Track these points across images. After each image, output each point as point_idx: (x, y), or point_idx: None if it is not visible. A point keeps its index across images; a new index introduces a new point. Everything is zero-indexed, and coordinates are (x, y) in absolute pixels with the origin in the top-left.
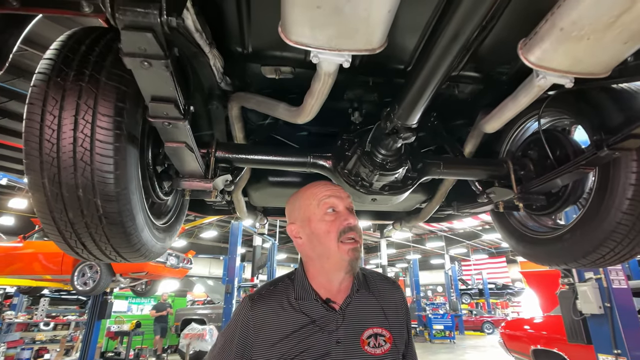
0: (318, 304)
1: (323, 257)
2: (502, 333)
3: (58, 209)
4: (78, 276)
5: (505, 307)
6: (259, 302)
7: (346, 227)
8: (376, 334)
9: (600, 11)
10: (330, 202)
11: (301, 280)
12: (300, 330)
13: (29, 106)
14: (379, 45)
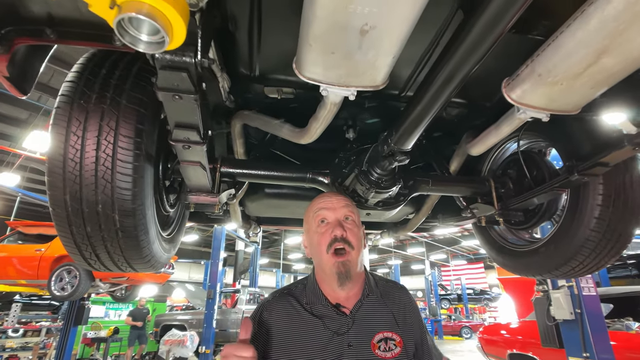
0: (329, 309)
1: (320, 267)
2: (480, 338)
3: (77, 223)
4: (55, 281)
5: (482, 312)
6: (273, 305)
7: (332, 238)
8: (386, 338)
9: (571, 63)
10: (321, 214)
11: (312, 285)
12: (312, 332)
13: (53, 126)
14: (382, 83)
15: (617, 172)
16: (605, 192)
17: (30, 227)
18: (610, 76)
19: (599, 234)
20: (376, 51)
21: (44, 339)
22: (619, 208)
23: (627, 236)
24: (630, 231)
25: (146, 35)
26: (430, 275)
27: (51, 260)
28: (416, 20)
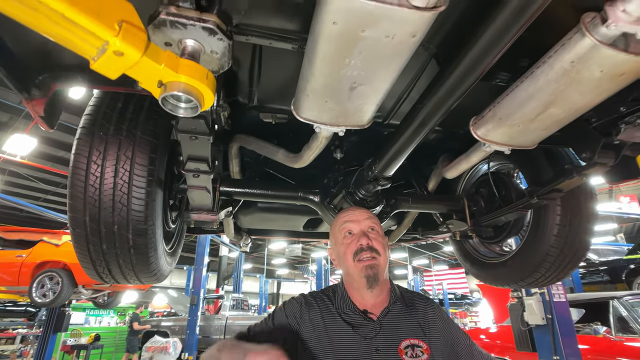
0: (356, 314)
1: (348, 275)
2: None
3: (94, 241)
4: (37, 288)
5: (463, 317)
6: (311, 301)
7: (358, 248)
8: (413, 344)
9: (525, 111)
10: (346, 226)
11: (342, 293)
12: (342, 335)
13: (75, 156)
14: (367, 123)
15: (573, 195)
16: (563, 213)
17: (11, 233)
18: (558, 121)
19: (557, 249)
20: (362, 101)
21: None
22: (575, 227)
23: (582, 250)
24: (585, 247)
25: (184, 104)
26: (412, 281)
27: (33, 267)
28: (396, 79)
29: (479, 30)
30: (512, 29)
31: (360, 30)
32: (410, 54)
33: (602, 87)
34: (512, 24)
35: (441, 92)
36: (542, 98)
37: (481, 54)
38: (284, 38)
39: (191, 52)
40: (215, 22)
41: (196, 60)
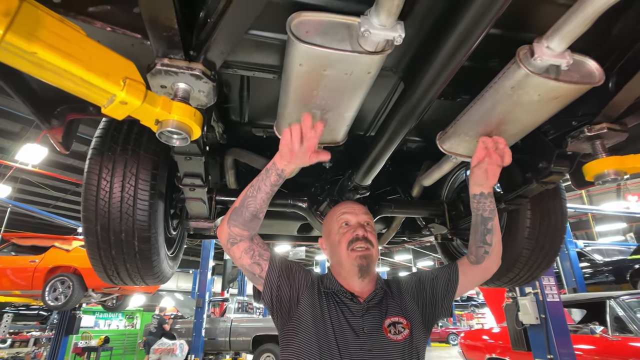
0: (344, 295)
1: (339, 264)
2: (462, 343)
3: (105, 248)
4: (49, 291)
5: (470, 319)
6: (309, 275)
7: (354, 237)
8: (394, 322)
9: (480, 128)
10: (344, 217)
11: (329, 279)
12: (330, 312)
13: (87, 173)
14: (342, 140)
15: (542, 200)
16: (532, 217)
17: (25, 239)
18: (512, 136)
19: (529, 250)
20: (333, 123)
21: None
22: (544, 229)
23: (553, 252)
24: (555, 248)
25: (176, 136)
26: None
27: (45, 271)
28: (360, 105)
29: (432, 57)
30: (456, 58)
31: (322, 69)
32: (369, 85)
33: (542, 108)
34: (457, 52)
35: (406, 109)
36: (493, 117)
37: (434, 77)
38: (264, 70)
39: (182, 94)
40: (201, 69)
41: (187, 99)
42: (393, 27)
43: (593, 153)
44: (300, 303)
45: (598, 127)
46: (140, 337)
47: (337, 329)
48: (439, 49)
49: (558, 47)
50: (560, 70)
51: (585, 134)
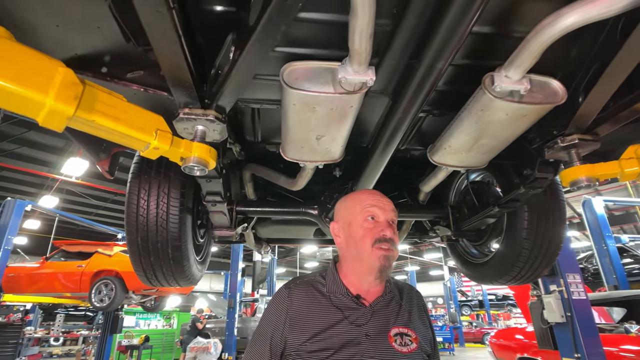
0: (348, 298)
1: (357, 259)
2: (491, 342)
3: (145, 255)
4: (95, 293)
5: (507, 319)
6: (294, 289)
7: (381, 237)
8: (402, 333)
9: (462, 143)
10: (372, 210)
11: (332, 276)
12: (331, 319)
13: (128, 194)
14: (339, 158)
15: (540, 201)
16: (530, 218)
17: (72, 246)
18: (492, 148)
19: (528, 249)
20: (328, 145)
21: (83, 346)
22: (542, 229)
23: (552, 251)
24: (554, 247)
25: (197, 168)
26: (448, 281)
27: (91, 275)
28: (350, 129)
29: (407, 83)
30: (427, 85)
31: (312, 107)
32: (354, 115)
33: (513, 125)
34: (426, 80)
35: (392, 124)
36: (471, 133)
37: (412, 99)
38: (269, 103)
39: (200, 134)
40: (214, 114)
41: (204, 138)
42: (365, 73)
43: (569, 161)
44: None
45: (570, 138)
46: (177, 336)
47: (339, 336)
48: (412, 77)
49: (514, 76)
50: (521, 94)
51: (559, 145)
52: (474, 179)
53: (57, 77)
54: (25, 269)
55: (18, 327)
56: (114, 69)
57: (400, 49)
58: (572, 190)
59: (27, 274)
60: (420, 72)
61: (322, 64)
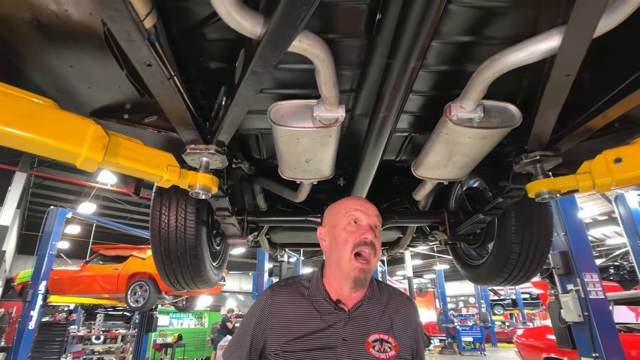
0: (328, 303)
1: (337, 263)
2: (517, 342)
3: (167, 262)
4: (131, 294)
5: (544, 318)
6: (277, 292)
7: (362, 241)
8: (382, 339)
9: (437, 160)
10: (355, 215)
11: (316, 280)
12: (309, 322)
13: (152, 211)
14: (330, 175)
15: (526, 207)
16: (516, 223)
17: (109, 250)
18: (467, 164)
19: (516, 253)
20: (317, 166)
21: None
22: (528, 234)
23: (540, 254)
24: (543, 249)
25: (202, 193)
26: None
27: (126, 277)
28: (335, 152)
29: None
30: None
31: (296, 139)
32: (335, 141)
33: (478, 145)
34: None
35: (371, 143)
36: (443, 152)
37: (383, 121)
38: (265, 131)
39: (205, 164)
40: (215, 148)
41: (207, 168)
42: (336, 110)
43: (534, 174)
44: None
45: (532, 154)
46: (209, 335)
47: (316, 340)
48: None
49: (468, 106)
50: (476, 121)
51: (524, 160)
52: (471, 185)
53: (89, 133)
54: (68, 272)
55: (63, 326)
56: (133, 115)
57: (374, 81)
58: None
59: (69, 277)
60: (385, 100)
61: (302, 102)
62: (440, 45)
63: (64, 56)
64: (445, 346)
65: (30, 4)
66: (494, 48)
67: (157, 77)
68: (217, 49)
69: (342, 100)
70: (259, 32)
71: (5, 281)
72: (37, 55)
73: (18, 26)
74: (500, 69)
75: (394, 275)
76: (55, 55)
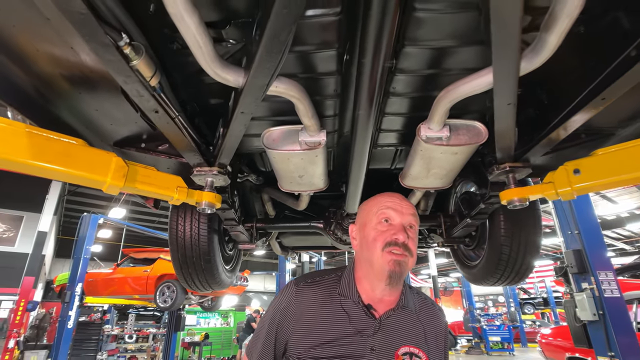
0: (359, 306)
1: (368, 262)
2: (541, 342)
3: (184, 267)
4: (159, 295)
5: None
6: (304, 289)
7: (392, 241)
8: (412, 353)
9: (419, 171)
10: (387, 213)
11: (348, 278)
12: (337, 326)
13: (170, 222)
14: (324, 187)
15: (514, 211)
16: (505, 226)
17: (139, 253)
18: (446, 174)
19: (506, 254)
20: (310, 180)
21: (152, 343)
22: (517, 237)
23: (530, 255)
24: (531, 251)
25: (207, 208)
26: None
27: (155, 279)
28: (325, 168)
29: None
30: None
31: (287, 159)
32: (322, 159)
33: (451, 159)
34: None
35: (356, 155)
36: (422, 165)
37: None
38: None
39: (209, 183)
40: (217, 169)
41: (212, 187)
42: (318, 135)
43: (507, 184)
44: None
45: (502, 166)
46: (234, 334)
47: (343, 347)
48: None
49: (435, 127)
50: (444, 139)
51: (495, 171)
52: (468, 189)
53: (112, 165)
54: (101, 275)
55: (98, 326)
56: (149, 144)
57: (349, 117)
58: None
59: (102, 279)
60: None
61: (289, 128)
62: (406, 77)
63: (90, 103)
64: (472, 346)
65: (63, 65)
66: (451, 78)
67: (163, 119)
68: (214, 89)
69: (328, 123)
70: (240, 82)
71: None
72: (69, 104)
73: (53, 82)
74: (454, 98)
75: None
76: (83, 103)
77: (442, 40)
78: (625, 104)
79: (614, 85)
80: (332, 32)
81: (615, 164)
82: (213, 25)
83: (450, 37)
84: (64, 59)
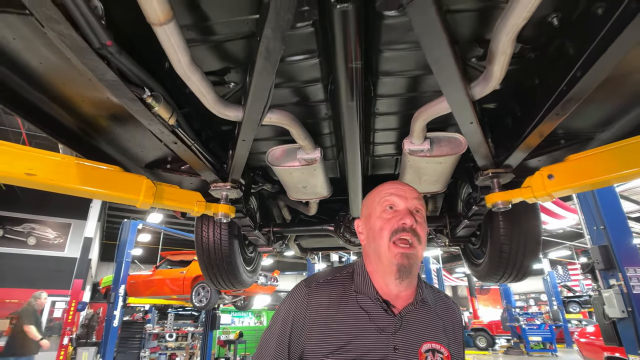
0: (377, 303)
1: (376, 255)
2: (578, 341)
3: (209, 268)
4: (195, 295)
5: None
6: (316, 290)
7: (400, 227)
8: (434, 349)
9: (412, 178)
10: (390, 199)
11: (362, 274)
12: (357, 326)
13: (196, 228)
14: (327, 195)
15: (513, 212)
16: (504, 226)
17: (175, 255)
18: (436, 181)
19: (507, 253)
20: (313, 189)
21: (191, 341)
22: (516, 236)
23: (530, 252)
24: (532, 249)
25: (223, 219)
26: (547, 276)
27: (191, 280)
28: (325, 179)
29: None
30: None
31: (289, 173)
32: (321, 172)
33: (438, 168)
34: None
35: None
36: (413, 174)
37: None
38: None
39: (225, 196)
40: (230, 185)
41: (227, 199)
42: (313, 152)
43: (492, 188)
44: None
45: (485, 172)
46: None
47: (365, 348)
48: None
49: (416, 141)
50: (426, 151)
51: (480, 177)
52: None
53: (143, 187)
54: (142, 277)
55: (141, 325)
56: (173, 165)
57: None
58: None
59: (143, 280)
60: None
61: (289, 147)
62: (386, 100)
63: (123, 136)
64: (511, 346)
65: (101, 109)
66: (425, 98)
67: (181, 148)
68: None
69: (325, 140)
70: (240, 116)
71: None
72: (107, 137)
73: (94, 122)
74: (427, 117)
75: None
76: (118, 136)
77: (409, 70)
78: (599, 111)
79: (564, 101)
80: (315, 71)
81: (585, 169)
82: (216, 73)
83: (415, 68)
84: (102, 104)
